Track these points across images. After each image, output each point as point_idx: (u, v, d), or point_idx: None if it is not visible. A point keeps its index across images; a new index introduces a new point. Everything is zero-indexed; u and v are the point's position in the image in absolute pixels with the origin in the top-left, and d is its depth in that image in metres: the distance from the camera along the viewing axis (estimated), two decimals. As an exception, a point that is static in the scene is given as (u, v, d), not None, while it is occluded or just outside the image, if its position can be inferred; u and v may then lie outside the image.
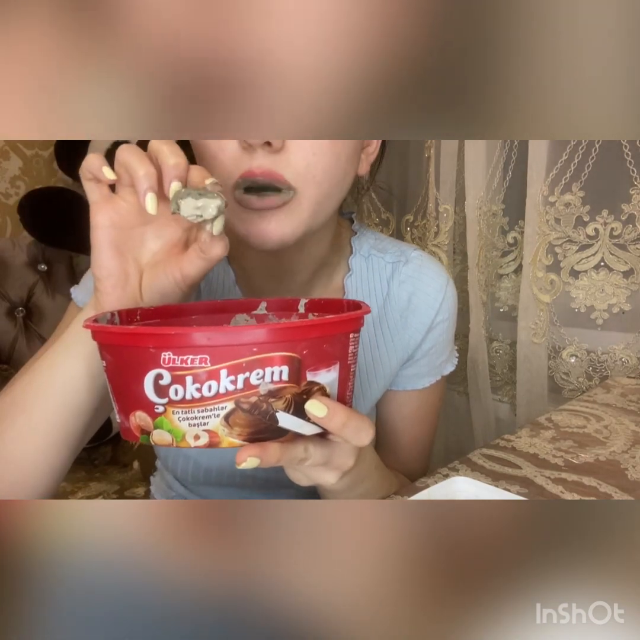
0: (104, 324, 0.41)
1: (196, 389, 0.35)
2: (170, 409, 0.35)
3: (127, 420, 0.37)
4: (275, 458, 0.37)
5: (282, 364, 0.35)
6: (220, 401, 0.35)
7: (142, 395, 0.35)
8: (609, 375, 1.03)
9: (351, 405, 0.41)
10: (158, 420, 0.36)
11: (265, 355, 0.35)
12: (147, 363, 0.35)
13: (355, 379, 0.42)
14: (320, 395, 0.38)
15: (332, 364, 0.38)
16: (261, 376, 0.35)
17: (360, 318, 0.40)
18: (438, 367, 0.71)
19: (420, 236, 1.27)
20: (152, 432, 0.36)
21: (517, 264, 1.14)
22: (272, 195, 0.50)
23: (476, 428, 1.21)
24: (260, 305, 0.51)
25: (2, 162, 1.70)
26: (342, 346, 0.39)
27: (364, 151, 0.60)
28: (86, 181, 0.46)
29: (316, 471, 0.44)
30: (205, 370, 0.34)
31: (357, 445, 0.41)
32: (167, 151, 0.43)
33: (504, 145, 1.10)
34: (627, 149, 0.96)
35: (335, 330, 0.38)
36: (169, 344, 0.34)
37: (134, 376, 0.35)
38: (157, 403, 0.35)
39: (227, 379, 0.35)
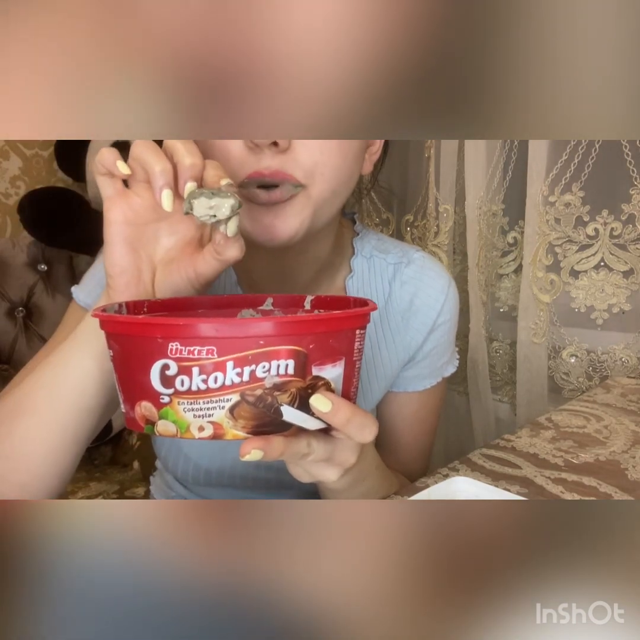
0: (112, 314, 0.41)
1: (202, 380, 0.35)
2: (175, 400, 0.35)
3: (132, 410, 0.37)
4: (278, 451, 0.37)
5: (288, 358, 0.35)
6: (225, 393, 0.35)
7: (148, 385, 0.36)
8: (609, 375, 1.03)
9: (355, 402, 0.41)
10: (163, 410, 0.36)
11: (272, 349, 0.35)
12: (154, 353, 0.35)
13: (360, 376, 0.42)
14: (325, 390, 0.38)
15: (337, 360, 0.38)
16: (267, 369, 0.35)
17: (367, 314, 0.40)
18: (439, 369, 0.71)
19: (420, 236, 1.27)
20: (156, 423, 0.36)
21: (517, 264, 1.14)
22: (279, 189, 0.50)
23: (476, 428, 1.21)
24: (266, 300, 0.52)
25: (2, 162, 1.70)
26: (348, 342, 0.39)
27: (367, 151, 0.60)
28: (100, 175, 0.45)
29: (318, 467, 0.44)
30: (211, 362, 0.34)
31: (360, 442, 0.41)
32: (183, 150, 0.43)
33: (504, 145, 1.10)
34: (627, 149, 0.96)
35: (341, 326, 0.38)
36: (177, 334, 0.34)
37: (141, 366, 0.36)
38: (162, 393, 0.35)
39: (233, 371, 0.35)
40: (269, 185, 0.50)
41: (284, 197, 0.51)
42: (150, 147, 0.44)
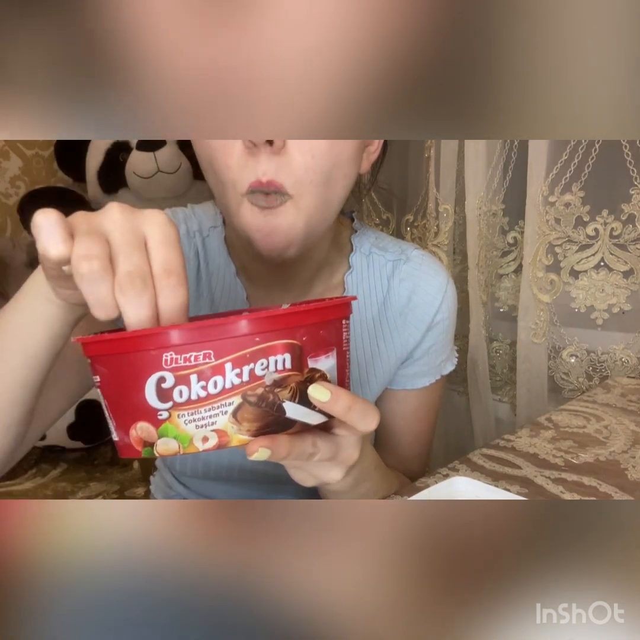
0: (96, 334, 0.39)
1: (201, 387, 0.34)
2: (175, 413, 0.35)
3: (126, 435, 0.36)
4: (285, 450, 0.37)
5: (284, 352, 0.36)
6: (227, 397, 0.35)
7: (144, 404, 0.34)
8: (609, 375, 1.03)
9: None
10: (162, 427, 0.35)
11: (268, 344, 0.35)
12: (147, 367, 0.34)
13: (351, 367, 0.42)
14: (322, 381, 0.38)
15: (329, 350, 0.38)
16: (265, 366, 0.35)
17: (349, 304, 0.41)
18: (438, 367, 0.71)
19: (420, 236, 1.27)
20: (155, 443, 0.35)
21: (517, 264, 1.14)
22: (274, 195, 0.51)
23: (476, 428, 1.21)
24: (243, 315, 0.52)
25: (2, 162, 1.70)
26: (336, 332, 0.39)
27: (365, 150, 0.60)
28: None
29: (322, 468, 0.44)
30: (209, 366, 0.34)
31: (364, 431, 0.41)
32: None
33: (504, 145, 1.10)
34: (627, 149, 0.96)
35: (329, 316, 0.38)
36: (171, 343, 0.34)
37: (134, 384, 0.34)
38: (160, 409, 0.34)
39: (233, 372, 0.34)
40: (267, 192, 0.51)
41: (277, 203, 0.52)
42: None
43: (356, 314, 0.67)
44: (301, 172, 0.51)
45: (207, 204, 0.70)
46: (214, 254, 0.67)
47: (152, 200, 1.59)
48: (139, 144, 1.57)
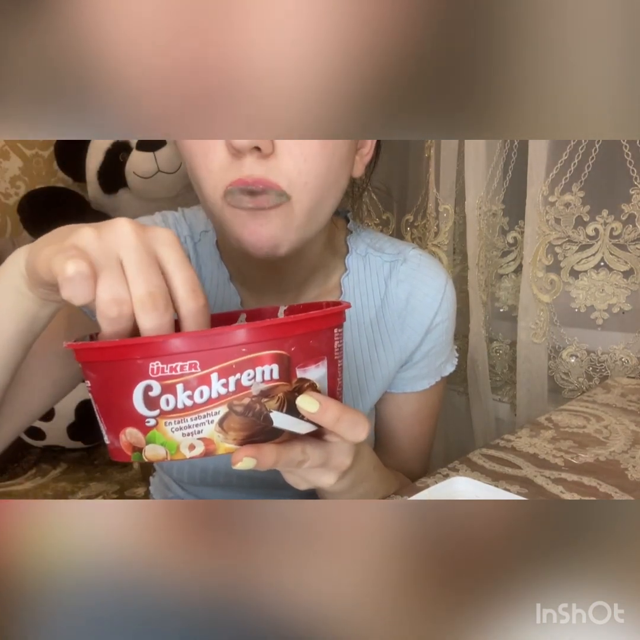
0: (86, 342, 0.39)
1: (187, 396, 0.34)
2: (162, 421, 0.35)
3: (116, 439, 0.36)
4: (271, 459, 0.37)
5: (272, 363, 0.35)
6: (213, 406, 0.35)
7: (132, 410, 0.35)
8: (609, 375, 1.03)
9: (342, 401, 0.41)
10: (150, 434, 0.35)
11: (255, 355, 0.35)
12: (134, 376, 0.34)
13: (344, 375, 0.42)
14: (311, 391, 0.38)
15: (320, 360, 0.38)
16: (252, 376, 0.35)
17: (342, 312, 0.40)
18: (437, 369, 0.71)
19: (420, 236, 1.27)
20: (144, 449, 0.36)
21: (517, 264, 1.14)
22: (264, 195, 0.49)
23: (476, 428, 1.21)
24: (240, 317, 0.52)
25: (2, 162, 1.70)
26: (327, 341, 0.39)
27: (358, 152, 0.59)
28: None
29: (314, 473, 0.43)
30: (195, 376, 0.34)
31: (353, 441, 0.41)
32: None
33: (504, 145, 1.10)
34: (627, 149, 0.96)
35: (319, 326, 0.38)
36: (157, 352, 0.34)
37: (122, 391, 0.35)
38: (148, 416, 0.35)
39: (219, 382, 0.34)
40: (254, 191, 0.49)
41: (268, 204, 0.49)
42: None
43: (353, 317, 0.66)
44: (294, 175, 0.49)
45: (198, 208, 0.68)
46: (205, 259, 0.66)
47: (152, 200, 1.59)
48: (139, 144, 1.57)
